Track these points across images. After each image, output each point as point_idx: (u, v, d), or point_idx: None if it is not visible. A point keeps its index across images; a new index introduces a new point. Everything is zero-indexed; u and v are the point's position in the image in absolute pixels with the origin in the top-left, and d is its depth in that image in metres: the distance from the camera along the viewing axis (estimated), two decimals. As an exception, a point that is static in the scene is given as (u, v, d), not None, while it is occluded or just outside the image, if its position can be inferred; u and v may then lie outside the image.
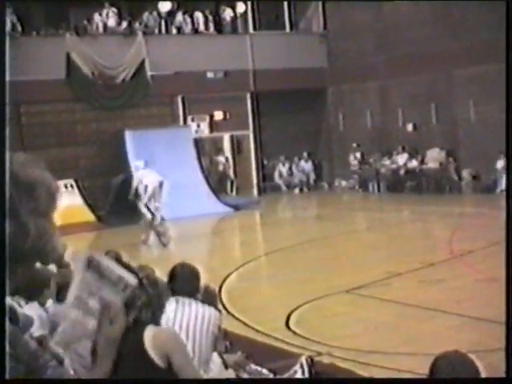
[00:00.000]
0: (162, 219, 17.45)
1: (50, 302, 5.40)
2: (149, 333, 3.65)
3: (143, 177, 17.26)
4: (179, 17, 26.40)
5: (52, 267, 5.47)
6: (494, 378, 3.48)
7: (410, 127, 25.99)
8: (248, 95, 27.52)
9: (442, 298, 10.70)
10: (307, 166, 28.34)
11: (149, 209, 16.87)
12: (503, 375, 3.72)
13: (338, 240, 16.92)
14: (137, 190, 17.11)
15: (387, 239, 15.52)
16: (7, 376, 1.94)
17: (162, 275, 4.86)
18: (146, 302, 3.73)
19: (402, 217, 21.07)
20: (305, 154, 28.30)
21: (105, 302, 2.93)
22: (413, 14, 25.09)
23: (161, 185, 17.11)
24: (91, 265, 2.93)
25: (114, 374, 3.31)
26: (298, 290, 11.53)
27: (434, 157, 25.09)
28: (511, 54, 4.13)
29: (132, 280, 2.99)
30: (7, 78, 2.00)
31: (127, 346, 3.49)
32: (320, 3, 28.66)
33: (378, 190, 25.99)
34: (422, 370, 3.41)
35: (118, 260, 4.45)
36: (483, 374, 3.41)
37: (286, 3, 28.78)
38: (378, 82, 26.75)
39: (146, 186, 16.92)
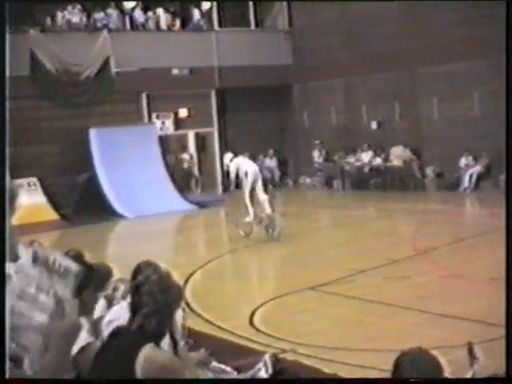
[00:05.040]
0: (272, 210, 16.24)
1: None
2: (146, 352, 3.46)
3: (240, 164, 16.58)
4: (142, 13, 26.26)
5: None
6: (493, 377, 3.49)
7: (374, 125, 26.13)
8: (213, 92, 27.46)
9: (406, 295, 10.76)
10: (272, 163, 28.36)
11: (251, 199, 15.99)
12: (467, 372, 3.75)
13: (302, 237, 16.94)
14: (237, 177, 16.43)
15: (352, 236, 15.58)
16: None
17: (125, 274, 4.81)
18: (152, 310, 3.61)
19: (367, 214, 21.15)
20: (270, 152, 28.30)
21: (58, 298, 2.89)
22: (378, 12, 25.20)
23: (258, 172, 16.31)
24: (38, 259, 2.89)
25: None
26: (263, 288, 11.55)
27: (398, 154, 25.25)
28: (511, 54, 4.15)
29: (74, 267, 2.94)
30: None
31: (121, 348, 3.41)
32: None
33: (343, 188, 26.08)
34: (386, 366, 3.41)
35: (79, 258, 4.39)
36: (446, 371, 3.43)
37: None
38: (343, 79, 26.84)
39: (246, 173, 16.14)
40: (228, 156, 17.20)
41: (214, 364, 5.47)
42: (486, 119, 22.84)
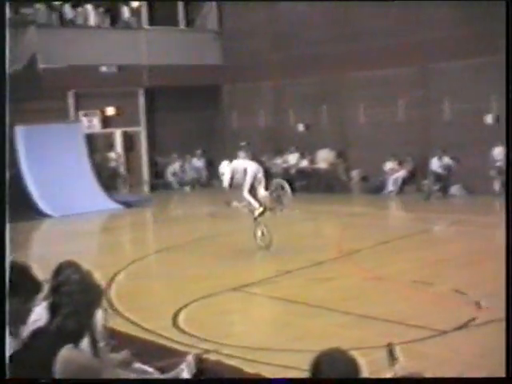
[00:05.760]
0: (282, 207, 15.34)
1: None
2: (64, 353, 3.44)
3: (238, 166, 15.60)
4: (71, 9, 25.94)
5: None
6: (494, 378, 3.54)
7: (301, 127, 26.35)
8: (141, 91, 27.30)
9: (329, 296, 10.87)
10: (200, 163, 28.33)
11: (255, 197, 15.12)
12: (387, 372, 3.81)
13: (228, 238, 16.97)
14: (232, 180, 15.42)
15: (277, 237, 15.63)
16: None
17: (48, 274, 4.75)
18: (72, 311, 3.52)
19: (292, 215, 21.27)
20: (198, 152, 28.27)
21: None
22: (308, 16, 25.41)
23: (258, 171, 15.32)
24: None
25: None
26: (188, 288, 11.51)
27: (324, 157, 25.51)
28: (511, 53, 4.21)
29: None
30: None
31: (41, 349, 3.36)
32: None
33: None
34: (308, 366, 3.44)
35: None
36: (365, 371, 3.48)
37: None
38: (271, 81, 26.99)
39: (246, 170, 15.20)
40: (224, 163, 15.90)
41: (137, 365, 5.44)
42: (410, 125, 23.28)
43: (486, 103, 21.49)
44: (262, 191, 15.13)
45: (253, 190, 15.18)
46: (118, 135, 27.38)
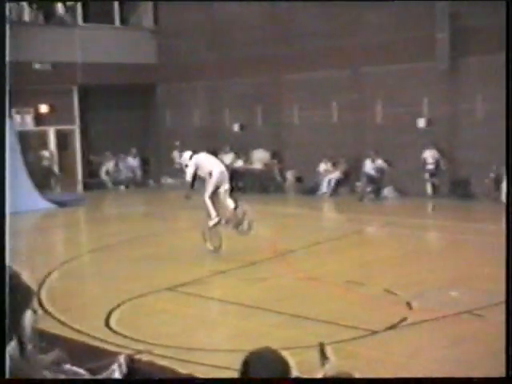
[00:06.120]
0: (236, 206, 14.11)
1: None
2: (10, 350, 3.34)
3: (202, 162, 14.31)
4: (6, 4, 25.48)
5: None
6: (494, 378, 3.57)
7: (236, 127, 26.39)
8: (75, 89, 26.98)
9: (263, 296, 10.92)
10: (134, 162, 28.15)
11: (212, 201, 13.96)
12: (318, 372, 3.84)
13: (163, 238, 16.91)
14: (195, 178, 14.18)
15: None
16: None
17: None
18: None
19: (228, 216, 21.28)
20: (133, 151, 28.08)
21: None
22: (244, 17, 25.47)
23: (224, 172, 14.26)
24: None
25: None
26: (121, 288, 11.42)
27: (260, 157, 25.60)
28: (511, 53, 4.23)
29: None
30: None
31: None
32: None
33: (205, 189, 26.12)
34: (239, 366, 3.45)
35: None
36: (294, 371, 3.50)
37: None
38: (206, 81, 26.97)
39: (211, 173, 13.95)
40: (187, 154, 14.92)
41: (67, 366, 5.37)
42: (344, 127, 23.53)
43: (419, 107, 21.86)
44: (228, 201, 14.03)
45: (214, 196, 14.03)
46: (51, 133, 27.01)
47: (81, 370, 5.54)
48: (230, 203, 14.02)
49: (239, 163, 25.84)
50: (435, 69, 21.24)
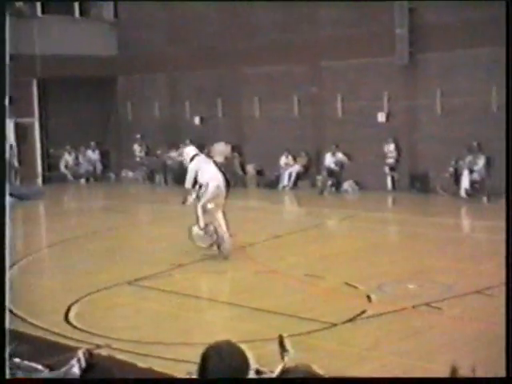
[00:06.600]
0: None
1: None
2: None
3: (201, 168, 13.59)
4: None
5: None
6: (493, 378, 3.59)
7: (197, 120, 26.33)
8: (34, 81, 26.69)
9: (223, 289, 10.94)
10: (94, 155, 27.95)
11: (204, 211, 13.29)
12: (278, 364, 3.86)
13: (123, 231, 16.85)
14: (195, 183, 13.36)
15: (171, 231, 15.60)
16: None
17: None
18: None
19: (187, 209, 21.25)
20: (92, 144, 27.88)
21: None
22: (204, 10, 25.39)
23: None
24: None
25: None
26: (80, 283, 11.35)
27: (220, 150, 25.46)
28: (511, 52, 4.26)
29: None
30: None
31: None
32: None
33: (165, 182, 26.08)
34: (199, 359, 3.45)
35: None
36: (253, 364, 3.52)
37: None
38: (167, 73, 26.87)
39: (207, 184, 13.30)
40: (189, 151, 14.34)
41: (25, 362, 5.35)
42: (304, 121, 23.61)
43: (379, 102, 22.00)
44: (219, 213, 13.51)
45: (207, 205, 13.40)
46: (10, 126, 26.68)
47: (39, 366, 5.52)
48: (222, 219, 13.41)
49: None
50: (395, 64, 21.39)
